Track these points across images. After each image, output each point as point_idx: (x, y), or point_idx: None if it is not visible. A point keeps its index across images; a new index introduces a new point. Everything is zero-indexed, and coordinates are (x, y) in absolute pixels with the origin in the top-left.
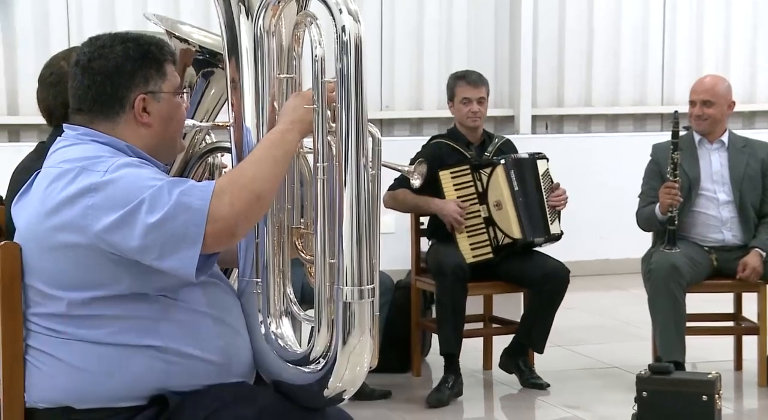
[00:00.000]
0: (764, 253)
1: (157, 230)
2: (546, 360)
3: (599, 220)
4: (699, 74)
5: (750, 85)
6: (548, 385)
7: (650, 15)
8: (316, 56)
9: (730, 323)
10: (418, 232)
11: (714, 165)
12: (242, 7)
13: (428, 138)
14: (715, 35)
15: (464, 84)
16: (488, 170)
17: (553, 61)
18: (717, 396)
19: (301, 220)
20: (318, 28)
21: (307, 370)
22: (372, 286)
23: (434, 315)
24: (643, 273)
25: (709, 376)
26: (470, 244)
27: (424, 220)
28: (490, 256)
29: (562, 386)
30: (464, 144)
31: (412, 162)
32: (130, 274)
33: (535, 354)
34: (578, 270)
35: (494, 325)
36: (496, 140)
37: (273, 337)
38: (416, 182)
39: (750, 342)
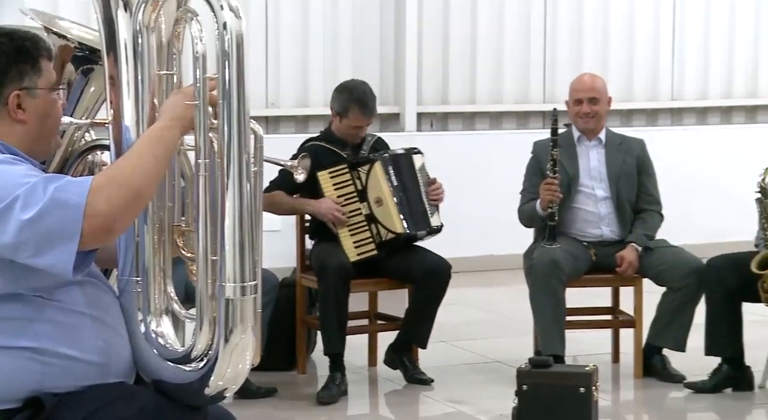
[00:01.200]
0: (640, 248)
1: (32, 226)
2: (430, 355)
3: (483, 216)
4: (579, 73)
5: (627, 83)
6: (432, 381)
7: (531, 15)
8: (197, 53)
9: (608, 317)
10: (303, 230)
11: (592, 162)
12: (120, 1)
13: (309, 136)
14: (594, 34)
15: (359, 112)
16: (366, 168)
17: (437, 59)
18: (594, 388)
19: (182, 218)
20: (199, 24)
21: (187, 368)
22: (254, 282)
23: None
24: (525, 268)
25: (587, 368)
26: (353, 242)
27: (310, 217)
28: (374, 252)
29: (446, 381)
30: (340, 145)
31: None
32: (4, 274)
33: (420, 350)
34: (462, 266)
35: (379, 322)
36: (369, 138)
37: (153, 335)
38: (300, 177)
39: (627, 335)
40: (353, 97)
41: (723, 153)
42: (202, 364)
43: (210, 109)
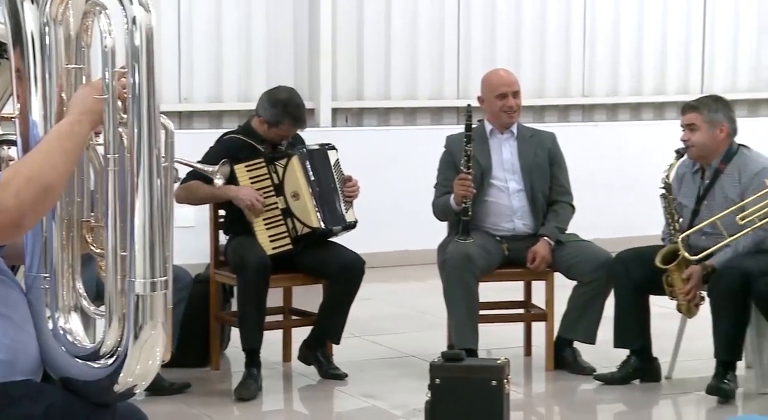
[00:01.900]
0: (552, 242)
1: None
2: (345, 350)
3: (398, 211)
4: (492, 69)
5: (539, 79)
6: (346, 376)
7: (445, 11)
8: (105, 47)
9: (521, 311)
10: (216, 225)
11: (505, 154)
12: None
13: (224, 131)
14: (507, 31)
15: (291, 126)
16: (283, 162)
17: (352, 55)
18: (505, 381)
19: (92, 214)
20: (107, 18)
21: (96, 365)
22: (165, 278)
23: (233, 308)
24: (439, 263)
25: (498, 362)
26: (269, 236)
27: (223, 212)
28: (290, 247)
29: (360, 376)
30: (258, 140)
31: (205, 156)
32: None
33: (334, 345)
34: (377, 261)
35: (294, 317)
36: None
37: (61, 332)
38: (219, 182)
39: (539, 328)
40: (287, 112)
41: (632, 149)
42: (111, 360)
43: (119, 103)
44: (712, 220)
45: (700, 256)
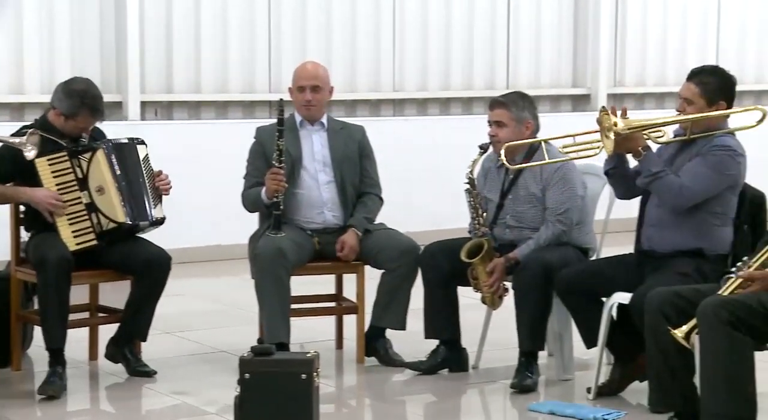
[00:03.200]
0: (360, 232)
1: None
2: (154, 347)
3: (210, 206)
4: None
5: (350, 74)
6: (155, 373)
7: (256, 4)
8: None
9: (332, 304)
10: (17, 221)
11: (315, 146)
12: None
13: (24, 124)
14: (318, 26)
15: (89, 117)
16: (88, 156)
17: (161, 47)
18: (315, 374)
19: None
20: None
21: None
22: None
23: (36, 307)
24: (250, 256)
25: (308, 355)
26: (72, 232)
27: (24, 208)
28: (94, 242)
29: (170, 373)
30: (58, 134)
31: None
32: None
33: (143, 342)
34: (189, 256)
35: (100, 315)
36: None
37: None
38: (31, 154)
39: (351, 321)
40: (84, 103)
41: (442, 143)
42: None
43: None
44: None
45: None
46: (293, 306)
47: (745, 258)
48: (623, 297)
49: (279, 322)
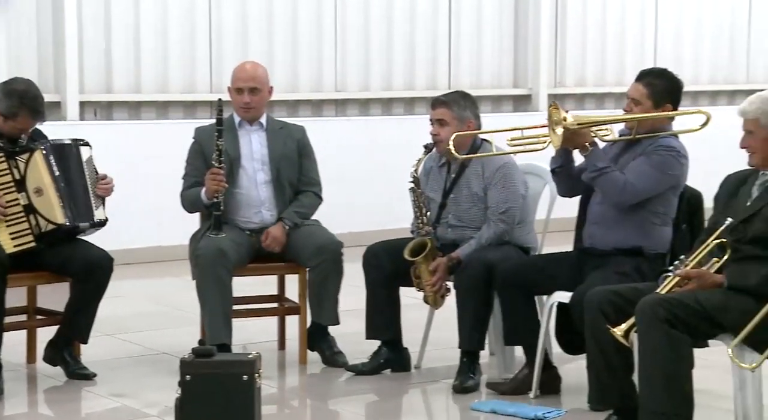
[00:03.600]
0: (288, 225)
1: None
2: (94, 350)
3: (151, 206)
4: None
5: (292, 74)
6: (95, 375)
7: (196, 6)
8: None
9: (275, 304)
10: None
11: (254, 145)
12: None
13: None
14: (260, 25)
15: (30, 118)
16: (25, 157)
17: (100, 47)
18: (257, 375)
19: None
20: None
21: None
22: None
23: None
24: (191, 256)
25: (250, 356)
26: (10, 234)
27: None
28: (33, 244)
29: (110, 375)
30: None
31: None
32: None
33: (83, 344)
34: (131, 257)
35: (39, 317)
36: None
37: None
38: None
39: (293, 321)
40: (24, 104)
41: (384, 143)
42: None
43: None
44: None
45: None
46: (235, 307)
47: (682, 257)
48: (563, 296)
49: (220, 323)
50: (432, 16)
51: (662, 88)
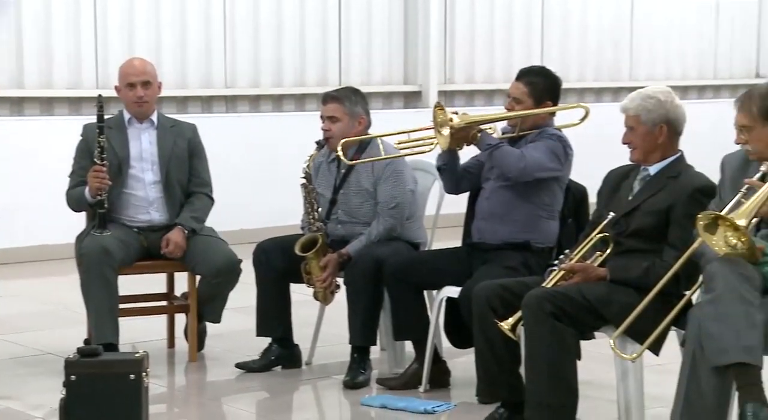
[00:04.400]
0: (187, 230)
1: None
2: None
3: (35, 205)
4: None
5: (181, 70)
6: None
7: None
8: None
9: (163, 303)
10: None
11: (144, 144)
12: None
13: None
14: (147, 21)
15: None
16: None
17: None
18: (144, 374)
19: None
20: None
21: None
22: None
23: None
24: (76, 255)
25: (136, 355)
26: None
27: None
28: None
29: None
30: None
31: None
32: None
33: None
34: (16, 257)
35: None
36: None
37: None
38: None
39: (182, 320)
40: None
41: (275, 140)
42: None
43: None
44: None
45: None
46: (124, 305)
47: (567, 251)
48: (452, 291)
49: (106, 322)
50: (322, 12)
51: (542, 86)
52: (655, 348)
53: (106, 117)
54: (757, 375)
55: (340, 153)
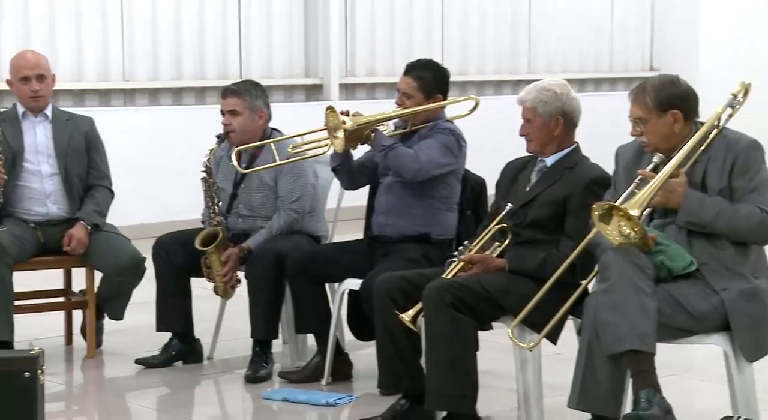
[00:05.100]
0: (89, 226)
1: None
2: None
3: None
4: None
5: (78, 63)
6: None
7: None
8: None
9: (61, 299)
10: None
11: (39, 137)
12: None
13: None
14: (41, 11)
15: None
16: None
17: None
18: (40, 371)
19: None
20: None
21: None
22: None
23: None
24: None
25: (31, 352)
26: None
27: None
28: None
29: None
30: None
31: None
32: None
33: None
34: None
35: None
36: None
37: None
38: None
39: (80, 316)
40: None
41: (175, 133)
42: None
43: None
44: None
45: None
46: (19, 302)
47: (466, 242)
48: (354, 283)
49: (1, 319)
50: (222, 3)
51: (431, 79)
52: (553, 337)
53: None
54: (650, 362)
55: (234, 162)
